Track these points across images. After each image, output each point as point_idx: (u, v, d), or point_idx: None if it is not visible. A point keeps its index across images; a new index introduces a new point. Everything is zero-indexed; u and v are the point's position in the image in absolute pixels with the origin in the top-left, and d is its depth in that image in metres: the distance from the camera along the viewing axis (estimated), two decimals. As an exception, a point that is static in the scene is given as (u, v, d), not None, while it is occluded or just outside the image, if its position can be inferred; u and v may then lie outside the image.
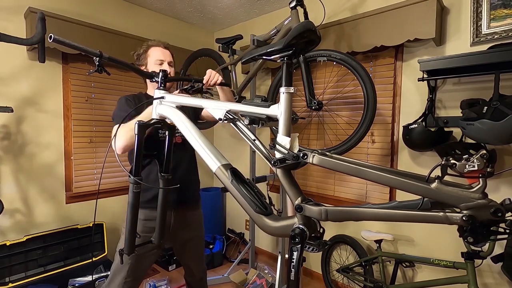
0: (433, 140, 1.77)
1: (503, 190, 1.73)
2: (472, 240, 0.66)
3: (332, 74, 2.41)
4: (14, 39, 1.69)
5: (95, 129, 2.53)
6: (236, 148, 3.25)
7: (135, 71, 1.25)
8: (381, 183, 0.76)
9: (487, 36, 1.72)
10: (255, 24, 3.05)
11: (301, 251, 0.81)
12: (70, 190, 2.43)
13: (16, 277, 2.03)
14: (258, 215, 0.90)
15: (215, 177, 0.99)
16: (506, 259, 1.55)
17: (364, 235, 2.13)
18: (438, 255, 1.93)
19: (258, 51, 0.89)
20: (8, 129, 2.11)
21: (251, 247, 2.71)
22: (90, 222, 2.46)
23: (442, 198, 0.67)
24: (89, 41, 2.23)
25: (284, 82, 0.86)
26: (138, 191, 1.12)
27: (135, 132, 1.08)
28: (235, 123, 0.97)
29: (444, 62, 1.60)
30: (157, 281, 2.42)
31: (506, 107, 1.44)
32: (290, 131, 0.87)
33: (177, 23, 3.11)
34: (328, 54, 1.74)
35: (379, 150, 2.22)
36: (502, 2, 1.67)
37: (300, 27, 0.81)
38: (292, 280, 0.82)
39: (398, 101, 2.11)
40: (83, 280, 2.20)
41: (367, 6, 2.21)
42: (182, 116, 1.10)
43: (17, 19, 2.12)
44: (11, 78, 2.12)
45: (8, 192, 2.12)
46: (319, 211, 0.82)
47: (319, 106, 1.70)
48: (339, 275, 2.24)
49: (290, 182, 0.88)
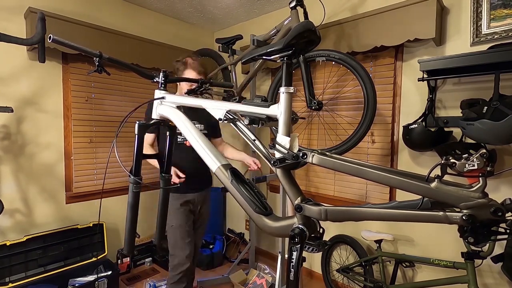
0: (433, 140, 1.77)
1: (503, 190, 1.73)
2: (472, 240, 0.66)
3: (332, 74, 2.41)
4: (14, 39, 1.69)
5: (95, 129, 2.53)
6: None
7: (135, 71, 1.25)
8: (381, 183, 0.76)
9: (487, 36, 1.72)
10: (255, 24, 3.05)
11: (300, 251, 0.81)
12: (70, 190, 2.43)
13: (16, 277, 2.04)
14: (258, 215, 0.90)
15: (215, 177, 0.99)
16: (506, 259, 1.55)
17: (364, 235, 2.13)
18: (438, 255, 1.93)
19: (258, 51, 0.89)
20: (8, 129, 2.11)
21: (251, 247, 2.71)
22: (90, 222, 2.46)
23: (442, 198, 0.67)
24: (89, 41, 2.23)
25: (284, 82, 0.86)
26: (138, 191, 1.12)
27: (135, 132, 1.08)
28: (235, 123, 0.97)
29: (444, 62, 1.60)
30: (157, 281, 2.42)
31: (506, 107, 1.44)
32: (290, 131, 0.87)
33: (177, 23, 3.12)
34: (327, 54, 1.74)
35: (379, 150, 2.22)
36: (502, 2, 1.67)
37: (299, 27, 0.81)
38: (291, 280, 0.82)
39: (398, 101, 2.11)
40: (83, 280, 2.20)
41: (367, 6, 2.21)
42: (182, 116, 1.10)
43: (17, 19, 2.12)
44: (11, 78, 2.12)
45: (8, 192, 2.12)
46: (319, 211, 0.82)
47: (319, 106, 1.70)
48: (339, 275, 2.24)
49: (289, 182, 0.88)
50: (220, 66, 2.48)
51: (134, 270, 2.70)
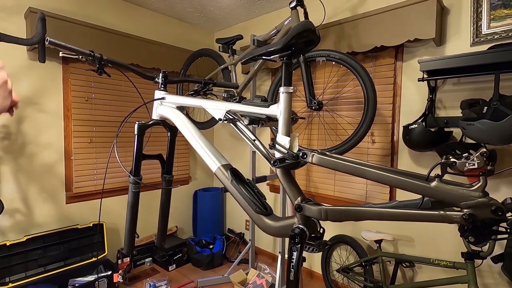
0: (433, 140, 1.77)
1: (503, 190, 1.73)
2: (473, 240, 0.66)
3: (332, 74, 2.41)
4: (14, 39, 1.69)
5: (95, 129, 2.53)
6: (236, 148, 3.25)
7: (135, 72, 1.25)
8: (381, 182, 0.76)
9: (487, 36, 1.72)
10: (255, 24, 3.05)
11: (300, 251, 0.81)
12: (70, 190, 2.43)
13: (16, 277, 2.04)
14: (258, 215, 0.90)
15: (215, 177, 0.99)
16: (506, 259, 1.55)
17: (364, 235, 2.13)
18: (438, 255, 1.93)
19: (258, 51, 0.89)
20: (8, 129, 2.11)
21: (251, 247, 2.71)
22: (90, 222, 2.46)
23: (442, 197, 0.67)
24: (89, 41, 2.23)
25: (284, 82, 0.86)
26: (137, 191, 1.12)
27: (135, 132, 1.08)
28: (235, 123, 0.97)
29: (444, 62, 1.60)
30: (157, 281, 2.42)
31: (506, 107, 1.44)
32: (289, 131, 0.87)
33: (177, 23, 3.12)
34: (327, 54, 1.74)
35: (379, 150, 2.22)
36: (502, 2, 1.67)
37: (299, 27, 0.81)
38: (291, 280, 0.82)
39: (398, 101, 2.11)
40: (83, 280, 2.20)
41: (367, 6, 2.21)
42: (182, 116, 1.10)
43: (17, 19, 2.12)
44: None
45: (8, 192, 2.12)
46: (319, 211, 0.82)
47: (319, 106, 1.70)
48: (339, 275, 2.24)
49: (289, 182, 0.88)
50: (220, 66, 2.49)
51: (134, 270, 2.70)
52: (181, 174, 3.21)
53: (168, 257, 2.74)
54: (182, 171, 3.23)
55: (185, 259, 2.85)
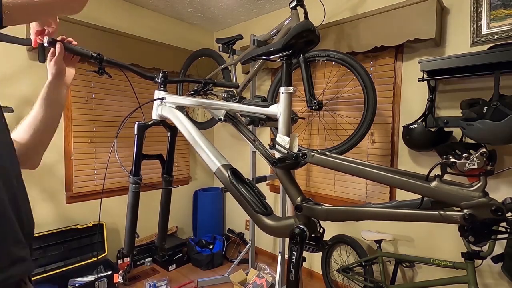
0: (433, 140, 1.77)
1: (503, 190, 1.73)
2: (473, 239, 0.66)
3: (332, 74, 2.41)
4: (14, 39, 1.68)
5: (95, 129, 2.53)
6: (236, 148, 3.25)
7: (134, 72, 1.25)
8: (381, 182, 0.76)
9: (487, 36, 1.72)
10: (255, 24, 3.05)
11: (300, 251, 0.81)
12: (70, 190, 2.43)
13: (16, 277, 2.03)
14: (258, 215, 0.89)
15: (215, 177, 0.99)
16: (506, 259, 1.55)
17: (364, 235, 2.13)
18: (438, 255, 1.93)
19: (258, 51, 0.89)
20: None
21: (251, 247, 2.71)
22: (90, 222, 2.46)
23: (442, 197, 0.67)
24: (89, 41, 2.23)
25: (284, 82, 0.86)
26: (137, 191, 1.12)
27: (135, 132, 1.08)
28: (235, 123, 0.97)
29: (444, 62, 1.60)
30: (157, 281, 2.41)
31: (506, 107, 1.44)
32: (289, 131, 0.87)
33: (177, 23, 3.12)
34: (327, 54, 1.74)
35: (379, 150, 2.22)
36: (502, 2, 1.67)
37: (299, 27, 0.81)
38: (291, 280, 0.82)
39: (398, 101, 2.11)
40: (83, 280, 2.20)
41: (367, 6, 2.21)
42: (182, 116, 1.10)
43: (17, 19, 2.12)
44: (11, 78, 2.12)
45: (8, 192, 2.12)
46: (319, 211, 0.82)
47: (319, 106, 1.70)
48: (339, 275, 2.24)
49: (290, 182, 0.88)
50: (220, 66, 2.48)
51: (134, 270, 2.70)
52: (181, 174, 3.21)
53: (168, 257, 2.74)
54: (182, 171, 3.23)
55: (185, 259, 2.85)
